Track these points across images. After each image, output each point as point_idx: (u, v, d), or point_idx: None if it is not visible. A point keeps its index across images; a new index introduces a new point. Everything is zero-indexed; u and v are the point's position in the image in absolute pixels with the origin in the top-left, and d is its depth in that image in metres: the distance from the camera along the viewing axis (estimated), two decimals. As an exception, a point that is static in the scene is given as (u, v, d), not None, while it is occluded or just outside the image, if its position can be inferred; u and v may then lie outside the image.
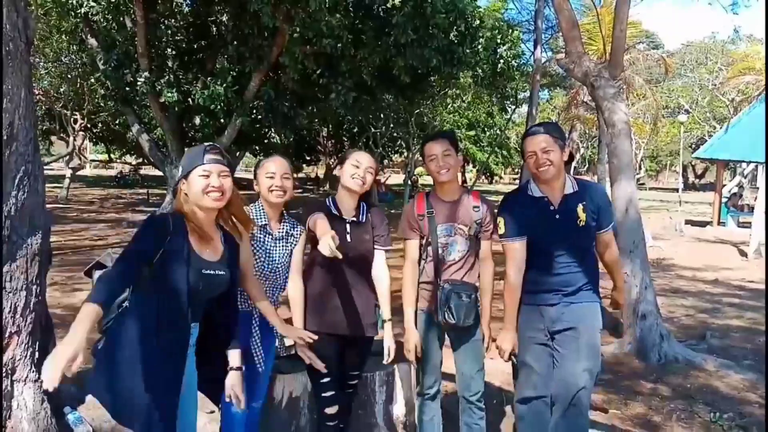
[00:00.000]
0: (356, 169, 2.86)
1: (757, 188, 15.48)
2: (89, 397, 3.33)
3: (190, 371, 2.38)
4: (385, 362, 2.97)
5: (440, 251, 3.00)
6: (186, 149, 3.00)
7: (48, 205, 3.22)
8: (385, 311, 2.97)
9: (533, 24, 17.96)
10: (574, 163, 30.90)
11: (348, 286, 2.89)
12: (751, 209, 15.74)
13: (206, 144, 2.34)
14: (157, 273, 2.17)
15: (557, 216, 2.88)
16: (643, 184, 47.09)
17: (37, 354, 3.04)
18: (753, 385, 4.88)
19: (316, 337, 2.71)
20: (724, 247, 14.55)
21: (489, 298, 3.13)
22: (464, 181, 38.82)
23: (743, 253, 13.31)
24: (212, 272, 2.28)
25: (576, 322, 2.86)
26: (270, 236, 2.82)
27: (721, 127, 23.48)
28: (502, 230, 2.97)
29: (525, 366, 3.05)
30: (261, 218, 2.81)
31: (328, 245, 2.33)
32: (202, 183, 2.22)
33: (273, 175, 2.77)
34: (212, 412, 3.86)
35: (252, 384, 2.80)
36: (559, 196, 2.89)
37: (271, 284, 2.85)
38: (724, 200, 19.83)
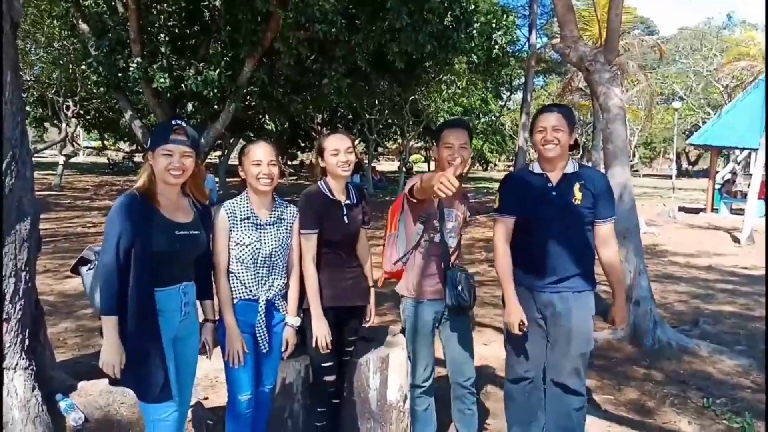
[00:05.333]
0: (336, 157, 2.86)
1: (751, 175, 15.50)
2: (81, 384, 3.32)
3: (192, 330, 2.62)
4: (367, 323, 3.15)
5: (446, 236, 3.03)
6: (157, 124, 2.99)
7: (41, 193, 3.20)
8: (370, 279, 3.13)
9: (528, 9, 17.87)
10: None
11: (343, 262, 2.99)
12: (744, 196, 15.78)
13: (174, 123, 2.46)
14: (136, 241, 2.32)
15: (554, 193, 2.91)
16: (636, 170, 47.18)
17: (27, 341, 3.01)
18: (745, 371, 4.90)
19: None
20: (717, 234, 14.60)
21: None
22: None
23: (736, 240, 13.35)
24: (186, 232, 2.48)
25: (566, 309, 2.88)
26: (257, 225, 2.76)
27: (715, 114, 23.48)
28: (496, 204, 3.05)
29: (516, 346, 3.07)
30: (245, 210, 2.76)
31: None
32: (165, 162, 2.40)
33: (259, 162, 2.71)
34: (206, 398, 3.87)
35: (263, 366, 2.86)
36: (559, 175, 2.93)
37: (269, 272, 2.79)
38: (717, 187, 19.87)
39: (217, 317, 2.77)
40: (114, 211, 2.33)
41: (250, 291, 2.75)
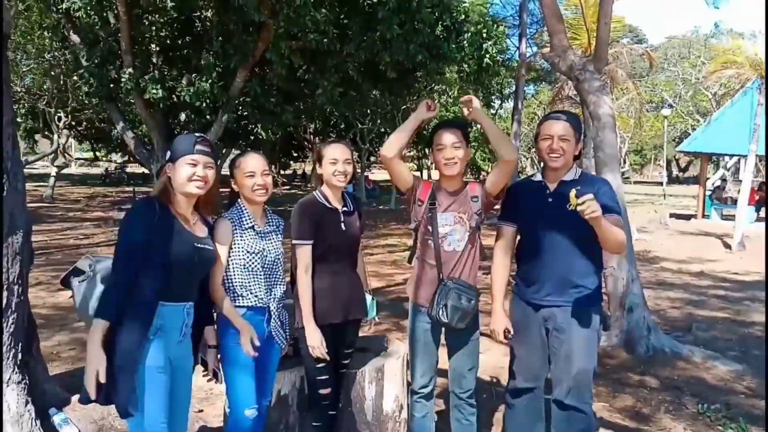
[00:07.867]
0: (335, 166, 2.85)
1: (740, 181, 15.62)
2: (75, 398, 3.29)
3: (187, 353, 2.48)
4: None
5: (440, 242, 2.93)
6: (177, 136, 2.93)
7: (33, 204, 3.18)
8: (365, 285, 3.17)
9: (518, 18, 17.99)
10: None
11: (340, 275, 2.94)
12: (735, 202, 15.89)
13: (197, 135, 2.43)
14: (152, 250, 2.22)
15: (550, 199, 2.85)
16: (627, 178, 47.41)
17: (20, 355, 2.99)
18: (739, 376, 4.93)
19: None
20: (709, 240, 14.69)
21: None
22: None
23: (727, 246, 13.44)
24: (203, 246, 2.44)
25: (567, 323, 2.82)
26: (260, 234, 2.73)
27: (704, 121, 23.65)
28: (500, 213, 3.04)
29: (517, 357, 3.06)
30: (247, 219, 2.71)
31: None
32: (189, 171, 2.35)
33: (253, 173, 2.68)
34: (201, 411, 3.84)
35: (261, 380, 2.78)
36: (558, 182, 2.87)
37: (269, 281, 2.76)
38: (708, 193, 20.00)
39: (216, 343, 2.67)
40: (130, 216, 2.27)
41: (261, 299, 2.70)
